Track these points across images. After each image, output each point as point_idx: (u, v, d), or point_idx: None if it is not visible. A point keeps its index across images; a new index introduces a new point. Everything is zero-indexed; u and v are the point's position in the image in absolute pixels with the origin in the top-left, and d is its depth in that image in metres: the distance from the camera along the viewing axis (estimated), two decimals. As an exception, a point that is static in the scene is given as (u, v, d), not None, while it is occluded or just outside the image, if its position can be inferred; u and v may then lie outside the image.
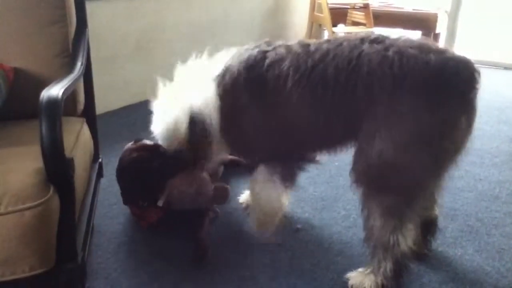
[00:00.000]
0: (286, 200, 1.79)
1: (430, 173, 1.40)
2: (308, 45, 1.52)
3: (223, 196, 1.87)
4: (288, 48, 1.54)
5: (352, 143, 1.51)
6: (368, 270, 1.51)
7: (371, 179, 1.40)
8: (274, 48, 1.56)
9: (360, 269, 1.56)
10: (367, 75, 1.35)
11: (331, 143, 1.59)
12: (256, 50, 1.58)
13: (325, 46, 1.47)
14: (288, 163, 1.67)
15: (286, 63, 1.48)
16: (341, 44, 1.45)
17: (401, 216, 1.41)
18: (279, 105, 1.50)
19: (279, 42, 1.59)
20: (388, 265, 1.45)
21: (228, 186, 1.91)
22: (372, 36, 1.44)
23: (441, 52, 1.36)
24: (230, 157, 2.21)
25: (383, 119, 1.35)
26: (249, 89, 1.54)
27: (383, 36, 1.43)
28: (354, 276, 1.55)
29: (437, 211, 1.65)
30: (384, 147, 1.34)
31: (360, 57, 1.38)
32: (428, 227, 1.64)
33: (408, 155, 1.34)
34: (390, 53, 1.35)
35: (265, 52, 1.56)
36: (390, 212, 1.40)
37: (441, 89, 1.31)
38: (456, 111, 1.34)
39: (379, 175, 1.38)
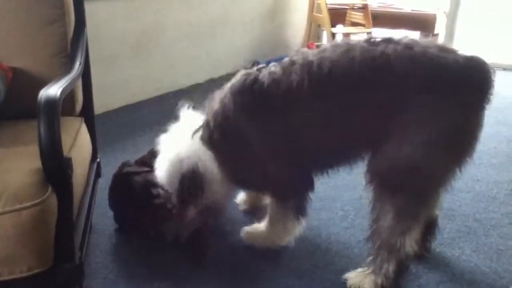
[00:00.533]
0: (299, 228, 1.69)
1: (448, 173, 1.41)
2: (307, 54, 1.46)
3: (217, 213, 1.81)
4: (283, 65, 1.49)
5: (367, 152, 1.49)
6: (369, 270, 1.50)
7: (391, 181, 1.39)
8: (259, 70, 1.52)
9: (359, 269, 1.55)
10: (398, 77, 1.34)
11: (348, 155, 1.55)
12: (239, 78, 1.53)
13: (330, 51, 1.42)
14: (300, 190, 1.63)
15: (293, 76, 1.43)
16: (350, 49, 1.39)
17: (413, 217, 1.42)
18: (293, 118, 1.46)
19: (263, 65, 1.56)
20: (391, 266, 1.45)
21: (222, 201, 1.84)
22: (381, 38, 1.41)
23: (455, 51, 1.37)
24: None
25: (411, 121, 1.33)
26: (251, 114, 1.50)
27: (393, 37, 1.40)
28: (353, 276, 1.54)
29: (438, 211, 1.66)
30: (410, 148, 1.33)
31: (383, 57, 1.34)
32: (429, 227, 1.64)
33: (431, 156, 1.34)
34: (416, 53, 1.33)
35: (254, 75, 1.51)
36: (403, 213, 1.40)
37: (468, 88, 1.33)
38: (479, 110, 1.37)
39: (404, 177, 1.36)
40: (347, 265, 1.64)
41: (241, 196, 2.01)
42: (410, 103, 1.33)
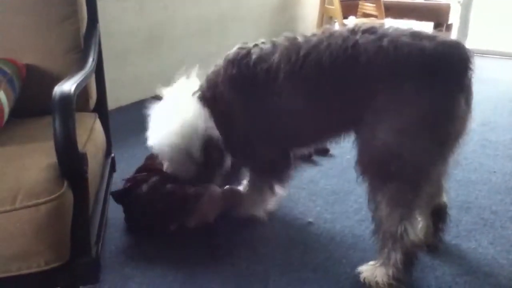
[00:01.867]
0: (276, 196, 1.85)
1: (433, 159, 1.40)
2: (296, 38, 1.55)
3: (234, 201, 1.83)
4: (274, 42, 1.59)
5: (349, 132, 1.56)
6: (379, 263, 1.49)
7: (376, 169, 1.41)
8: (256, 45, 1.61)
9: (371, 262, 1.54)
10: (363, 65, 1.37)
11: (327, 133, 1.64)
12: (235, 50, 1.62)
13: (315, 37, 1.49)
14: (277, 167, 1.73)
15: (275, 56, 1.52)
16: (332, 34, 1.46)
17: (407, 204, 1.41)
18: (271, 98, 1.53)
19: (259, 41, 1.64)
20: (398, 256, 1.43)
21: (239, 189, 1.88)
22: (364, 27, 1.44)
23: (433, 37, 1.37)
24: None
25: (383, 109, 1.36)
26: (236, 86, 1.59)
27: (375, 27, 1.43)
28: (366, 269, 1.53)
29: (445, 198, 1.64)
30: (387, 136, 1.36)
31: (355, 47, 1.39)
32: (438, 215, 1.63)
33: (410, 142, 1.35)
34: (385, 43, 1.36)
35: (248, 49, 1.60)
36: (396, 201, 1.40)
37: (437, 73, 1.33)
38: (454, 93, 1.36)
39: (383, 164, 1.38)
40: (362, 258, 1.64)
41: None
42: (379, 91, 1.36)
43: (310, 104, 1.49)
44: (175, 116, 1.66)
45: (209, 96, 1.65)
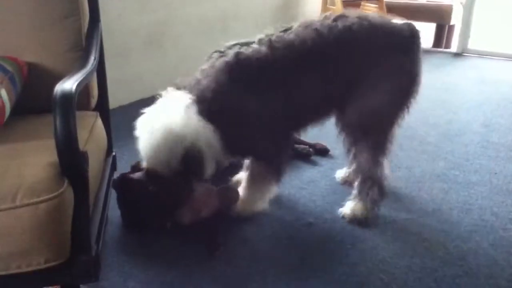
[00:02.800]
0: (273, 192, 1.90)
1: (402, 112, 1.80)
2: (282, 35, 1.72)
3: (230, 199, 1.84)
4: (266, 43, 1.70)
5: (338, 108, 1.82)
6: (357, 200, 1.83)
7: (362, 126, 1.76)
8: (246, 48, 1.70)
9: (348, 202, 1.87)
10: (357, 46, 1.69)
11: (324, 114, 1.87)
12: (232, 56, 1.67)
13: (304, 32, 1.70)
14: (281, 154, 1.84)
15: (277, 54, 1.67)
16: (317, 27, 1.69)
17: (383, 150, 1.80)
18: (274, 92, 1.67)
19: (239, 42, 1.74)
20: (375, 190, 1.80)
21: (234, 187, 1.88)
22: (334, 15, 1.73)
23: (387, 19, 1.78)
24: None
25: (373, 77, 1.71)
26: (241, 90, 1.64)
27: (344, 14, 1.74)
28: (345, 208, 1.86)
29: None
30: (376, 100, 1.72)
31: (346, 30, 1.68)
32: None
33: (394, 102, 1.76)
34: (371, 23, 1.71)
35: (244, 54, 1.67)
36: (376, 148, 1.78)
37: (411, 46, 1.74)
38: (418, 60, 1.76)
39: (370, 122, 1.74)
40: (361, 257, 1.64)
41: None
42: (366, 64, 1.70)
43: (317, 86, 1.71)
44: (160, 124, 1.63)
45: (215, 107, 1.63)
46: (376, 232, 1.79)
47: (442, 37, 4.88)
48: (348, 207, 1.85)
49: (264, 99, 1.67)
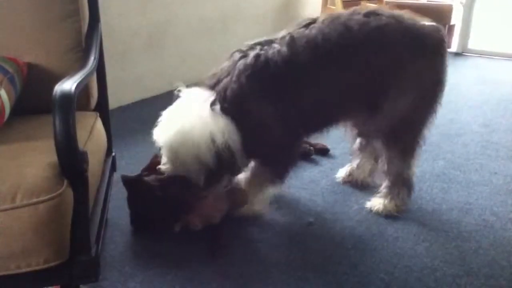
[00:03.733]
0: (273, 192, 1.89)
1: (431, 117, 1.81)
2: (304, 31, 1.66)
3: (238, 201, 1.82)
4: (286, 42, 1.64)
5: (365, 113, 1.79)
6: (388, 197, 1.89)
7: (393, 132, 1.77)
8: (266, 49, 1.65)
9: (377, 197, 1.93)
10: (388, 46, 1.66)
11: (346, 117, 1.88)
12: (251, 59, 1.62)
13: (330, 28, 1.64)
14: (284, 160, 1.81)
15: (300, 55, 1.62)
16: (346, 21, 1.65)
17: (413, 153, 1.84)
18: (298, 94, 1.65)
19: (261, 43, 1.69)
20: (405, 191, 1.88)
21: (242, 188, 1.86)
22: (365, 10, 1.69)
23: (417, 20, 1.75)
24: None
25: (402, 82, 1.70)
26: (262, 94, 1.62)
27: (377, 10, 1.71)
28: (375, 203, 1.92)
29: None
30: (406, 105, 1.72)
31: (378, 29, 1.64)
32: None
33: (423, 107, 1.77)
34: (404, 24, 1.68)
35: (263, 56, 1.63)
36: (406, 153, 1.82)
37: (440, 49, 1.74)
38: (445, 64, 1.77)
39: (400, 129, 1.76)
40: (362, 258, 1.64)
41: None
42: (397, 68, 1.68)
43: (344, 85, 1.69)
44: (190, 121, 1.60)
45: (234, 109, 1.61)
46: (376, 232, 1.79)
47: (442, 37, 4.86)
48: (379, 203, 1.90)
49: (283, 102, 1.64)
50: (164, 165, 1.69)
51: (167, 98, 1.79)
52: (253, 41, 1.70)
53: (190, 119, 1.60)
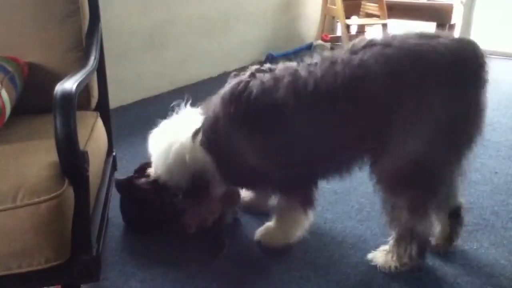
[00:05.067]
0: (308, 221, 1.68)
1: (452, 164, 1.44)
2: (296, 70, 1.45)
3: (231, 200, 1.82)
4: (273, 73, 1.47)
5: (367, 155, 1.50)
6: (394, 252, 1.56)
7: (399, 178, 1.42)
8: (253, 75, 1.50)
9: (382, 249, 1.61)
10: (376, 81, 1.32)
11: (347, 163, 1.55)
12: (231, 85, 1.51)
13: (317, 67, 1.41)
14: (301, 186, 1.63)
15: (280, 92, 1.42)
16: (333, 62, 1.39)
17: (426, 206, 1.46)
18: (279, 132, 1.46)
19: (253, 71, 1.52)
20: (414, 248, 1.52)
21: (235, 189, 1.84)
22: (362, 43, 1.39)
23: (438, 36, 1.34)
24: None
25: (405, 119, 1.34)
26: (238, 124, 1.48)
27: (373, 39, 1.38)
28: (379, 256, 1.60)
29: (461, 200, 1.64)
30: (413, 146, 1.35)
31: (362, 65, 1.33)
32: (456, 218, 1.63)
33: (437, 149, 1.36)
34: (393, 50, 1.31)
35: (244, 82, 1.48)
36: (417, 206, 1.45)
37: (459, 73, 1.31)
38: (474, 92, 1.34)
39: (408, 173, 1.39)
40: (363, 257, 1.64)
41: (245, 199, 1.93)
42: (399, 102, 1.33)
43: (328, 132, 1.44)
44: (174, 149, 1.61)
45: (211, 140, 1.56)
46: (377, 232, 1.79)
47: (442, 36, 4.86)
48: (383, 257, 1.59)
49: (260, 139, 1.48)
50: (153, 172, 1.72)
51: (168, 97, 1.78)
52: (256, 66, 1.55)
53: (174, 141, 1.60)
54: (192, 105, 1.70)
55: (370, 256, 1.62)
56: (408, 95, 1.32)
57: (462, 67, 1.30)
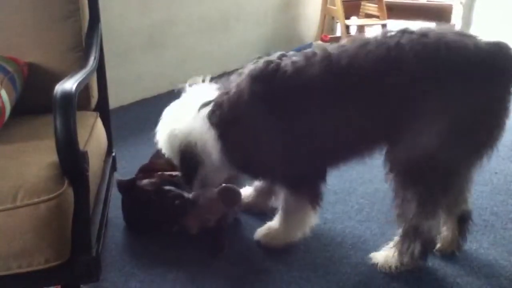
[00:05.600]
0: (313, 221, 1.67)
1: (468, 162, 1.43)
2: (328, 51, 1.42)
3: (233, 200, 1.81)
4: (306, 54, 1.45)
5: (385, 143, 1.49)
6: (395, 250, 1.54)
7: (411, 169, 1.40)
8: (284, 56, 1.47)
9: (384, 249, 1.59)
10: (410, 65, 1.31)
11: (365, 148, 1.53)
12: (261, 64, 1.47)
13: (350, 47, 1.40)
14: (313, 180, 1.60)
15: (313, 70, 1.40)
16: (366, 42, 1.38)
17: (435, 203, 1.45)
18: (309, 114, 1.44)
19: (285, 53, 1.50)
20: (417, 247, 1.50)
21: (236, 188, 1.84)
22: (396, 30, 1.39)
23: (474, 36, 1.36)
24: None
25: (428, 111, 1.33)
26: (266, 104, 1.44)
27: (408, 28, 1.38)
28: (379, 255, 1.59)
29: (470, 205, 1.63)
30: (430, 139, 1.34)
31: (399, 46, 1.32)
32: (464, 223, 1.62)
33: (454, 146, 1.35)
34: (431, 40, 1.31)
35: (276, 63, 1.45)
36: (426, 201, 1.43)
37: (491, 73, 1.31)
38: (503, 95, 1.34)
39: (422, 166, 1.38)
40: (363, 258, 1.64)
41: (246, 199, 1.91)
42: (426, 92, 1.32)
43: (357, 112, 1.41)
44: (168, 120, 1.64)
45: (223, 115, 1.50)
46: (377, 232, 1.79)
47: (442, 37, 4.86)
48: (383, 256, 1.58)
49: (290, 119, 1.45)
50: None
51: (167, 98, 1.78)
52: (280, 53, 1.51)
53: (170, 118, 1.62)
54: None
55: (371, 255, 1.61)
56: (436, 87, 1.31)
57: (494, 68, 1.31)
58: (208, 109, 1.54)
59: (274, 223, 1.70)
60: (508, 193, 2.08)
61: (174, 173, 1.83)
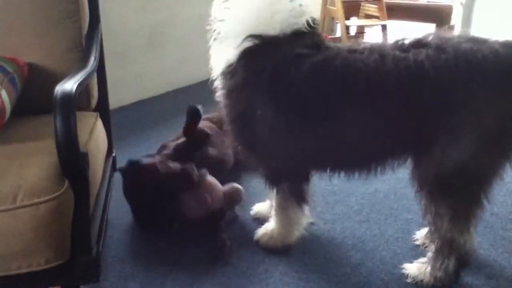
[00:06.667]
0: (305, 219, 1.69)
1: (499, 171, 1.40)
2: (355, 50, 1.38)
3: (235, 199, 1.82)
4: (337, 49, 1.41)
5: (409, 157, 1.46)
6: (429, 264, 1.52)
7: (442, 184, 1.38)
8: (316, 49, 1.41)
9: (419, 261, 1.57)
10: (432, 83, 1.29)
11: (387, 161, 1.49)
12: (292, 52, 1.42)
13: (368, 58, 1.35)
14: (294, 179, 1.60)
15: (329, 78, 1.36)
16: (383, 56, 1.33)
17: (469, 216, 1.43)
18: (322, 117, 1.40)
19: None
20: (451, 262, 1.47)
21: (239, 187, 1.86)
22: (408, 41, 1.35)
23: (488, 40, 1.35)
24: None
25: (456, 123, 1.31)
26: (278, 97, 1.42)
27: (421, 39, 1.35)
28: (412, 267, 1.57)
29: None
30: (461, 151, 1.32)
31: (417, 67, 1.29)
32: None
33: (485, 156, 1.34)
34: (450, 54, 1.29)
35: (304, 56, 1.40)
36: (460, 215, 1.41)
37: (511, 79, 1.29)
38: None
39: (452, 181, 1.36)
40: (362, 259, 1.64)
41: (256, 208, 1.91)
42: (451, 108, 1.31)
43: (375, 129, 1.39)
44: None
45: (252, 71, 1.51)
46: (377, 233, 1.79)
47: (442, 37, 4.86)
48: (416, 269, 1.55)
49: (297, 122, 1.42)
50: None
51: (167, 98, 1.78)
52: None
53: None
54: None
55: (405, 265, 1.59)
56: (461, 102, 1.29)
57: None
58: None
59: (271, 223, 1.71)
60: (507, 194, 2.08)
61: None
